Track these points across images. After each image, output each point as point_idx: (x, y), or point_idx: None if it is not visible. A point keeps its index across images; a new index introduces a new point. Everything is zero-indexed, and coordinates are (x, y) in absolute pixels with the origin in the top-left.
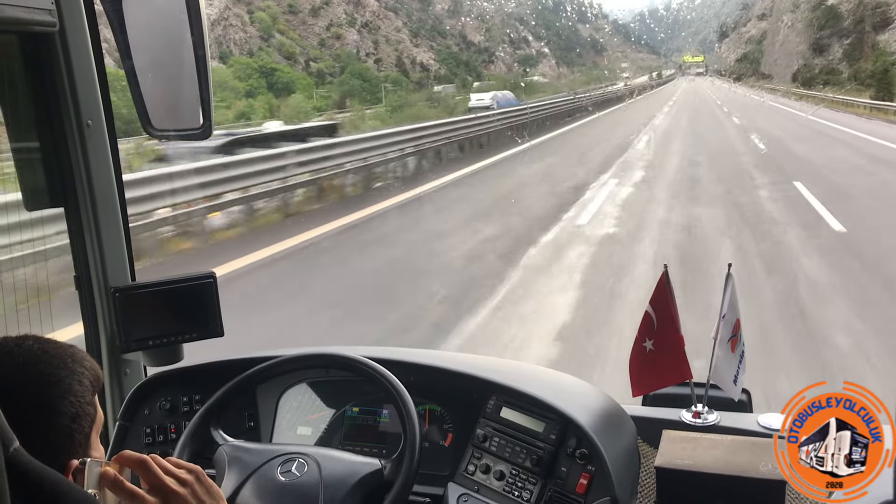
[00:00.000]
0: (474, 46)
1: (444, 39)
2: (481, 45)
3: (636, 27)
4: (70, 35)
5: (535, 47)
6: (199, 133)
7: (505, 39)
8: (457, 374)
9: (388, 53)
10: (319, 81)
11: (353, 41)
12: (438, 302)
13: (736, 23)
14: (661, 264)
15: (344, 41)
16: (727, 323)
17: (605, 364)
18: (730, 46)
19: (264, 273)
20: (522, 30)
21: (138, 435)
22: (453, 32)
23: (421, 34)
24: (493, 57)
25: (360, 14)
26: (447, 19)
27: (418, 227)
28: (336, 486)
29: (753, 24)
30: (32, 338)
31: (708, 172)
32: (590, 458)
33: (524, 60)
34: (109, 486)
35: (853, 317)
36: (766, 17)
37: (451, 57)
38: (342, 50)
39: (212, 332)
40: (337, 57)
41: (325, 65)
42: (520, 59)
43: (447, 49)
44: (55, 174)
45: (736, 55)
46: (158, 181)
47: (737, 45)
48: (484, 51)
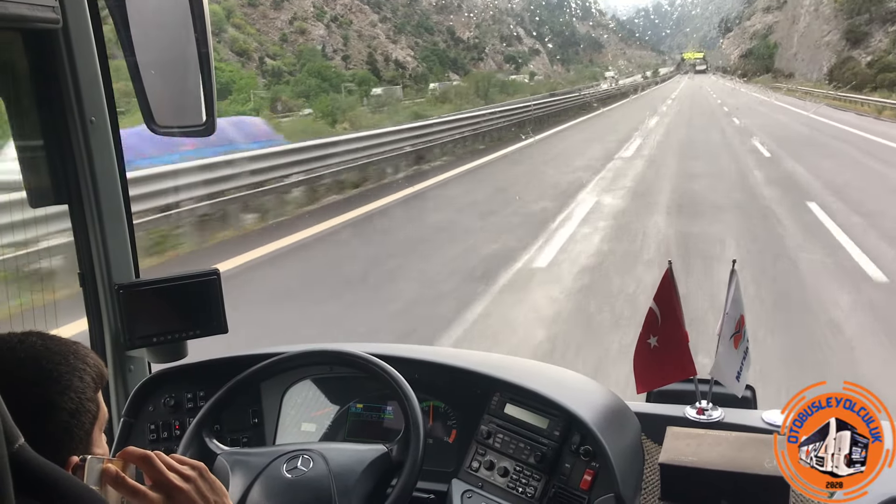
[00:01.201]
0: (463, 43)
1: (430, 36)
2: (470, 41)
3: (639, 23)
4: (73, 32)
5: (527, 44)
6: (202, 129)
7: (496, 36)
8: (461, 371)
9: (359, 50)
10: (275, 80)
11: (320, 37)
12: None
13: (739, 17)
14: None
15: (309, 36)
16: (731, 319)
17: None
18: (733, 42)
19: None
20: (514, 26)
21: (143, 431)
22: (441, 28)
23: (405, 30)
24: (483, 54)
25: (331, 7)
26: (435, 15)
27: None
28: (346, 474)
29: (758, 17)
30: (36, 334)
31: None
32: (594, 455)
33: (514, 58)
34: (111, 483)
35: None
36: (773, 10)
37: (435, 54)
38: (305, 46)
39: (216, 328)
40: (299, 54)
41: (284, 62)
42: (510, 56)
43: (434, 46)
44: (59, 171)
45: (740, 51)
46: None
47: (740, 40)
48: (473, 48)
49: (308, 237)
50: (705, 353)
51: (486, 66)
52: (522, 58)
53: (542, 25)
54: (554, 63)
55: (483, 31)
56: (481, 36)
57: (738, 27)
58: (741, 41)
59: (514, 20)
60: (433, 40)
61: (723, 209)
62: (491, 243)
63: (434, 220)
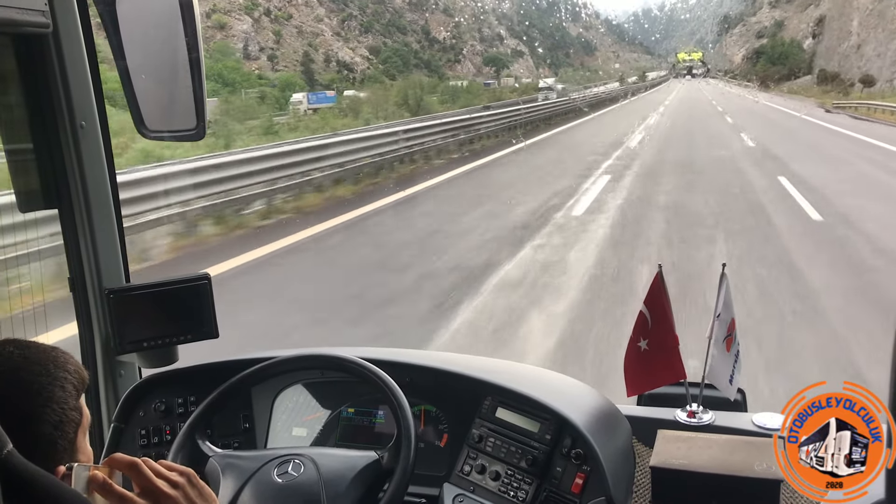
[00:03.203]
0: (439, 44)
1: (403, 35)
2: (447, 42)
3: (630, 28)
4: (63, 36)
5: (510, 45)
6: (193, 134)
7: (476, 36)
8: (452, 375)
9: (294, 49)
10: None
11: (243, 32)
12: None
13: (742, 13)
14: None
15: (229, 32)
16: (722, 322)
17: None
18: (736, 41)
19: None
20: (497, 25)
21: (133, 437)
22: (415, 28)
23: (373, 29)
24: (461, 56)
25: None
26: (409, 13)
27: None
28: (336, 481)
29: (765, 12)
30: (13, 343)
31: None
32: (585, 458)
33: (495, 60)
34: (99, 490)
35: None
36: (781, 3)
37: (398, 55)
38: (220, 44)
39: (206, 333)
40: (208, 53)
41: None
42: (490, 58)
43: (405, 46)
44: (49, 175)
45: (745, 51)
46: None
47: (745, 38)
48: (450, 48)
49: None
50: (696, 356)
51: (463, 68)
52: (504, 60)
53: (532, 28)
54: (541, 66)
55: (462, 31)
56: (459, 36)
57: (741, 24)
58: (746, 40)
59: (498, 20)
60: (405, 40)
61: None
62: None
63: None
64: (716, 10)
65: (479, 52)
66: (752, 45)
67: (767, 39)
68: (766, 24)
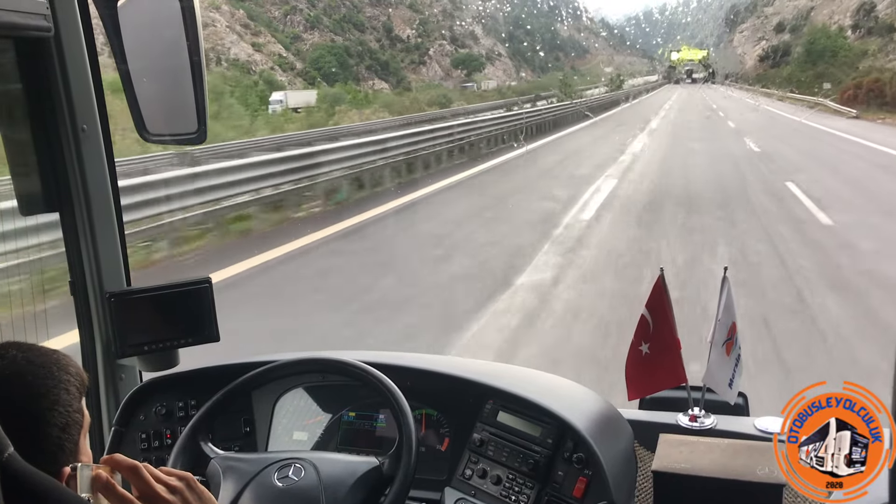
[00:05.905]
0: (402, 43)
1: (360, 33)
2: (412, 41)
3: (630, 32)
4: (65, 40)
5: (485, 45)
6: (194, 138)
7: (445, 35)
8: (453, 379)
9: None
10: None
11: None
12: None
13: (755, 2)
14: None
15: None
16: (722, 326)
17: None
18: (748, 38)
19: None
20: (471, 23)
21: (133, 440)
22: (375, 24)
23: (321, 24)
24: (426, 57)
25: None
26: (370, 8)
27: None
28: (336, 486)
29: (783, 2)
30: (15, 346)
31: None
32: (586, 463)
33: (466, 61)
34: (102, 490)
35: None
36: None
37: (332, 53)
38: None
39: (207, 337)
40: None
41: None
42: (459, 59)
43: (361, 45)
44: (50, 179)
45: (762, 50)
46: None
47: (760, 34)
48: (415, 49)
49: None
50: (698, 360)
51: (429, 71)
52: (476, 62)
53: (518, 28)
54: (522, 69)
55: (430, 29)
56: (426, 34)
57: (754, 16)
58: (762, 35)
59: (474, 18)
60: (362, 38)
61: None
62: None
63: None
64: (716, 13)
65: (449, 53)
66: (771, 42)
67: (789, 36)
68: (786, 15)
